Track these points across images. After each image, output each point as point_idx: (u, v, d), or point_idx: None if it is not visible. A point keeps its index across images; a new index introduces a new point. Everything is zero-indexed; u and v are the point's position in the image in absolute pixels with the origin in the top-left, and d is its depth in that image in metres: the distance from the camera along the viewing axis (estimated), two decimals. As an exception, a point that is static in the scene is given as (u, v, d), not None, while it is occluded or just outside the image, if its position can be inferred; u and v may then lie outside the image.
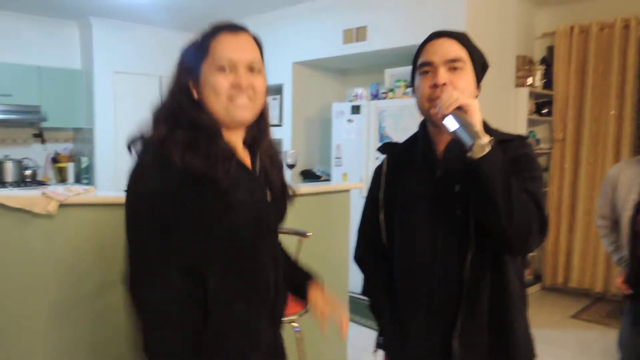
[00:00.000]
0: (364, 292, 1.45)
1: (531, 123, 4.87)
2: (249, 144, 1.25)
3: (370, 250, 1.41)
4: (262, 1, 4.90)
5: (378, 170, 1.42)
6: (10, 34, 5.14)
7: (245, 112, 1.16)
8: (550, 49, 4.82)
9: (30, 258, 2.02)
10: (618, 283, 2.21)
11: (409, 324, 1.30)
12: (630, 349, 2.20)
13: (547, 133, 4.96)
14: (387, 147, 1.44)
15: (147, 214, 1.10)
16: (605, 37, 4.45)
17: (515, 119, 4.54)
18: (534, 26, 4.95)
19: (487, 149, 1.07)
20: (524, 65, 4.54)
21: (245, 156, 1.23)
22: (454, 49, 1.23)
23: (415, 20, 4.18)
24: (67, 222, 2.05)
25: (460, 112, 1.12)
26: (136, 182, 1.13)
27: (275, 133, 1.35)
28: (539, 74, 4.71)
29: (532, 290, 4.91)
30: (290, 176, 3.11)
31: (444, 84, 1.19)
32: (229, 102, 1.14)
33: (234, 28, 1.18)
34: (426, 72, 1.23)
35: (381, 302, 1.37)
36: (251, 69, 1.16)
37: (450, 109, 1.12)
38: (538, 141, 4.97)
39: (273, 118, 5.35)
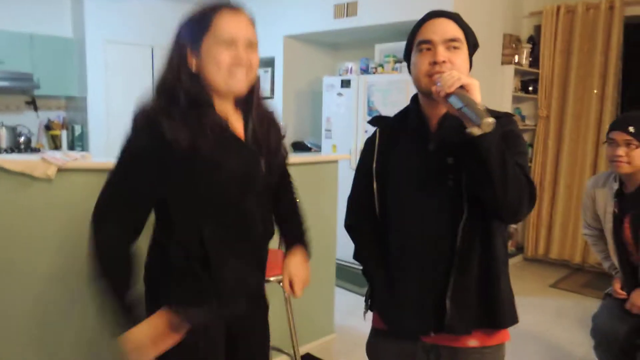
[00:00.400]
0: (356, 258, 1.50)
1: (517, 100, 4.99)
2: (242, 110, 1.37)
3: (361, 218, 1.47)
4: (255, -27, 4.90)
5: (370, 142, 1.46)
6: (2, 0, 5.12)
7: (242, 84, 1.28)
8: (538, 28, 4.91)
9: (31, 220, 2.11)
10: (616, 288, 2.34)
11: (401, 290, 1.37)
12: (601, 328, 2.39)
13: (533, 110, 5.08)
14: (377, 120, 1.49)
15: (123, 165, 1.25)
16: (590, 18, 4.53)
17: (501, 95, 4.65)
18: (522, 5, 5.02)
19: (492, 127, 1.12)
20: (511, 43, 4.62)
21: (237, 123, 1.34)
22: (452, 29, 1.29)
23: (406, -4, 4.24)
24: (65, 186, 2.14)
25: (462, 90, 1.16)
26: (129, 139, 1.25)
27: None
28: (525, 53, 4.81)
29: (514, 261, 5.11)
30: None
31: (443, 62, 1.25)
32: (228, 75, 1.25)
33: (234, 6, 1.28)
34: (425, 50, 1.28)
35: (373, 268, 1.43)
36: (249, 45, 1.27)
37: (453, 87, 1.16)
38: (523, 118, 5.09)
39: (264, 91, 5.40)
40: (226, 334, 1.40)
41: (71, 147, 5.53)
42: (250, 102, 1.36)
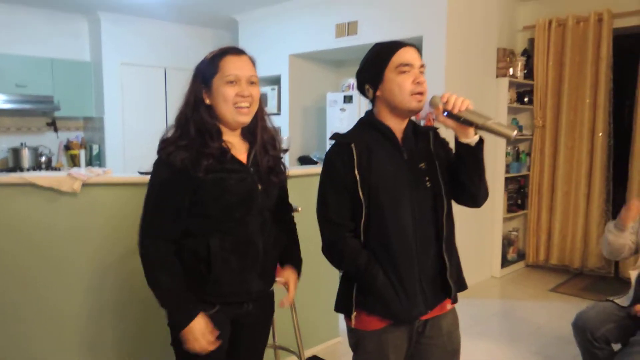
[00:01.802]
0: (347, 267, 1.59)
1: (514, 111, 5.18)
2: (248, 138, 1.65)
3: (346, 229, 1.56)
4: (260, -3, 5.19)
5: (343, 156, 1.54)
6: (25, 28, 5.46)
7: (246, 116, 1.57)
8: (531, 42, 5.11)
9: (58, 231, 2.35)
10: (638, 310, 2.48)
11: (405, 281, 1.52)
12: (585, 318, 2.56)
13: (529, 120, 5.26)
14: (338, 136, 1.61)
15: (153, 194, 1.55)
16: (580, 30, 4.73)
17: (496, 106, 4.84)
18: (517, 20, 5.24)
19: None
20: (505, 57, 4.82)
21: (242, 150, 1.62)
22: (420, 57, 1.56)
23: (401, 15, 4.47)
24: (89, 199, 2.37)
25: (471, 109, 1.45)
26: (153, 172, 1.57)
27: (274, 121, 1.74)
28: (520, 65, 4.99)
29: (516, 268, 5.26)
30: (284, 160, 3.41)
31: (424, 81, 1.53)
32: (234, 108, 1.54)
33: (237, 51, 1.58)
34: (405, 72, 1.51)
35: (375, 269, 1.53)
36: (250, 82, 1.56)
37: (464, 106, 1.45)
38: (521, 128, 5.27)
39: (271, 107, 5.66)
40: (232, 327, 1.66)
41: (89, 165, 5.80)
42: (255, 131, 1.64)
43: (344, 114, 5.05)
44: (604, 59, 4.58)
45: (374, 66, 1.56)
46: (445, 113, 1.47)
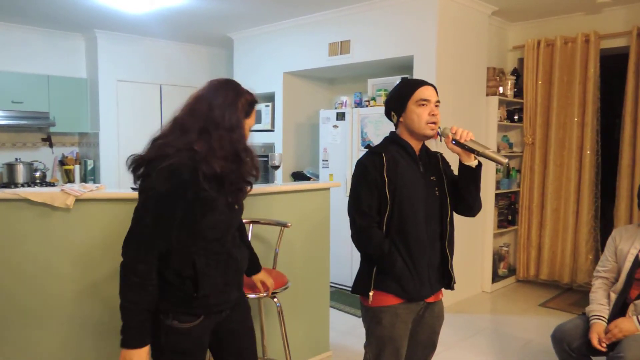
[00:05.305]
0: (373, 251, 1.93)
1: (504, 128, 5.26)
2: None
3: (373, 220, 1.93)
4: (254, 16, 5.24)
5: (376, 162, 1.93)
6: (22, 45, 5.53)
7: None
8: (521, 61, 5.21)
9: (51, 245, 2.38)
10: (595, 344, 2.49)
11: (417, 268, 1.92)
12: (563, 330, 2.62)
13: (519, 137, 5.35)
14: (371, 147, 2.07)
15: (152, 206, 1.57)
16: (568, 51, 4.84)
17: (486, 124, 4.92)
18: (507, 40, 5.35)
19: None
20: (494, 76, 4.91)
21: None
22: (436, 94, 1.96)
23: (392, 35, 4.56)
24: (82, 214, 2.41)
25: (474, 140, 1.88)
26: (156, 180, 1.56)
27: (267, 137, 1.87)
28: (510, 84, 5.09)
29: (506, 283, 5.30)
30: (277, 176, 3.45)
31: (437, 114, 1.93)
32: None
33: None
34: (424, 105, 1.91)
35: (394, 255, 1.90)
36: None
37: (469, 137, 1.87)
38: (511, 145, 5.35)
39: (265, 124, 5.73)
40: (211, 333, 1.75)
41: (84, 181, 5.84)
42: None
43: (336, 131, 5.11)
44: (592, 79, 4.68)
45: (399, 98, 1.97)
46: (454, 142, 1.88)
